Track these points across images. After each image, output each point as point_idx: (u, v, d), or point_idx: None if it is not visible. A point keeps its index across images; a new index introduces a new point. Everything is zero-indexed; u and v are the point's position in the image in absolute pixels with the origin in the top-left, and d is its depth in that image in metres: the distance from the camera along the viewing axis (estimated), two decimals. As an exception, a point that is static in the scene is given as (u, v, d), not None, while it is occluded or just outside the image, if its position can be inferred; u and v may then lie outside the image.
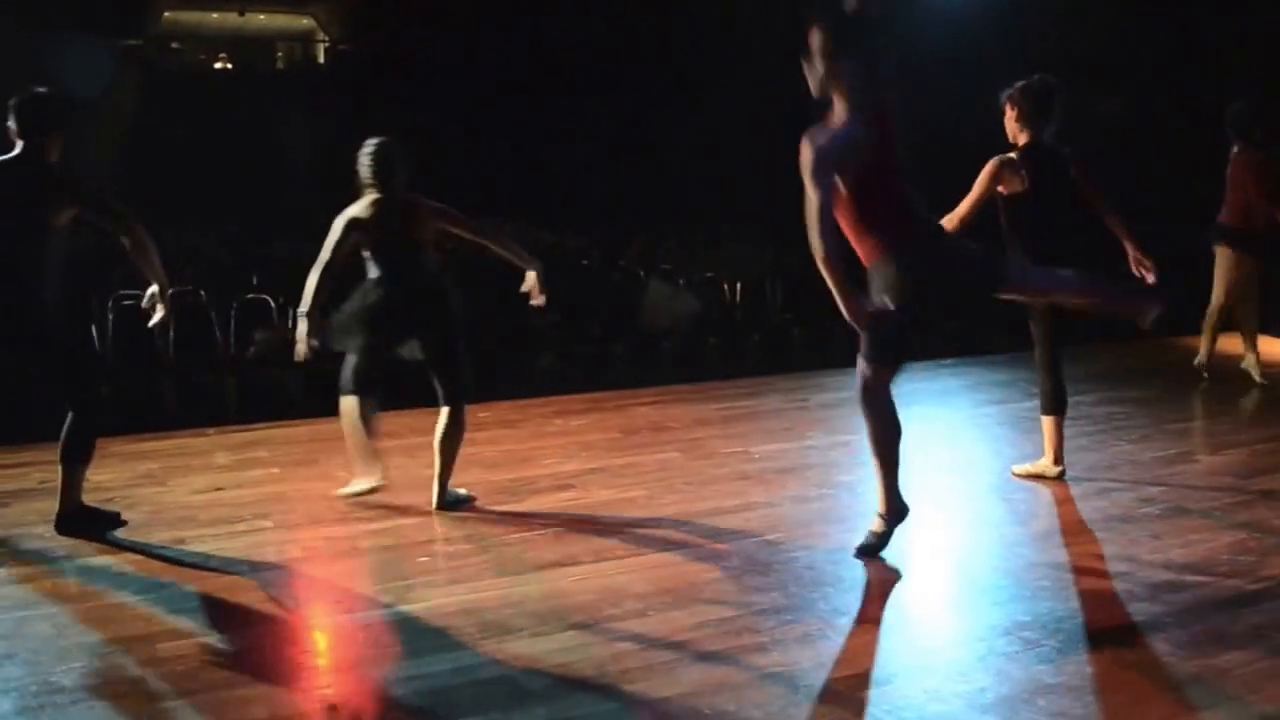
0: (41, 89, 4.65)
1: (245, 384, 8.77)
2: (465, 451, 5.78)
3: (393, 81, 19.63)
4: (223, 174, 17.46)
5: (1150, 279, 5.03)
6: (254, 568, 4.21)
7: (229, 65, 28.07)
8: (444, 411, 4.97)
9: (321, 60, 29.39)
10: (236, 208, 16.18)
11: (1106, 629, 3.66)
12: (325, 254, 4.90)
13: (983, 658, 3.47)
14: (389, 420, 6.53)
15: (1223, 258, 7.25)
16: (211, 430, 6.42)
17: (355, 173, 4.97)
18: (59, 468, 4.55)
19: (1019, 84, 5.16)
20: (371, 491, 4.99)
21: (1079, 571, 4.17)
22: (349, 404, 4.97)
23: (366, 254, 4.96)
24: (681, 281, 10.86)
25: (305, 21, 30.52)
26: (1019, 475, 5.36)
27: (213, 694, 3.19)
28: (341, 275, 4.96)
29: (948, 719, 3.08)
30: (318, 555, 4.39)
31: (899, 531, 4.40)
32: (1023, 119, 5.13)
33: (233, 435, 6.33)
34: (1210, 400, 6.90)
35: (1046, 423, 5.31)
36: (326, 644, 3.66)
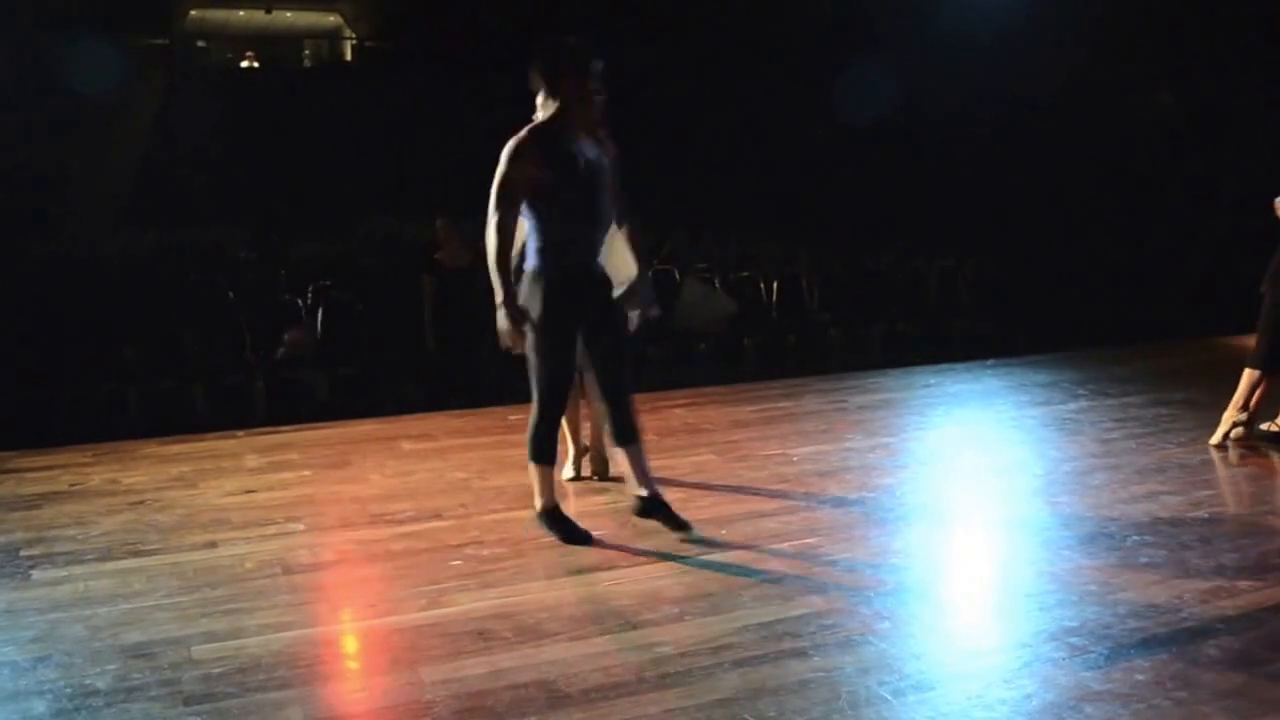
0: None
1: (274, 386, 8.79)
2: (498, 455, 5.78)
3: (421, 78, 19.65)
4: (249, 172, 17.53)
5: None
6: (287, 570, 4.18)
7: (256, 63, 28.24)
8: None
9: (349, 57, 29.52)
10: (263, 207, 16.24)
11: (1155, 635, 3.56)
12: None
13: (1028, 663, 3.38)
14: (422, 423, 6.54)
15: None
16: (241, 433, 6.40)
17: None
18: None
19: None
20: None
21: (1127, 576, 4.07)
22: None
23: None
24: (717, 281, 10.79)
25: (332, 18, 30.69)
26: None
27: (247, 697, 3.16)
28: None
29: (996, 726, 3.00)
30: (350, 558, 4.35)
31: (941, 536, 4.33)
32: None
33: (262, 438, 6.31)
34: (1262, 405, 6.74)
35: None
36: (360, 647, 3.62)
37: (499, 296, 4.23)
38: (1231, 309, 8.24)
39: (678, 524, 4.48)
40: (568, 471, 5.33)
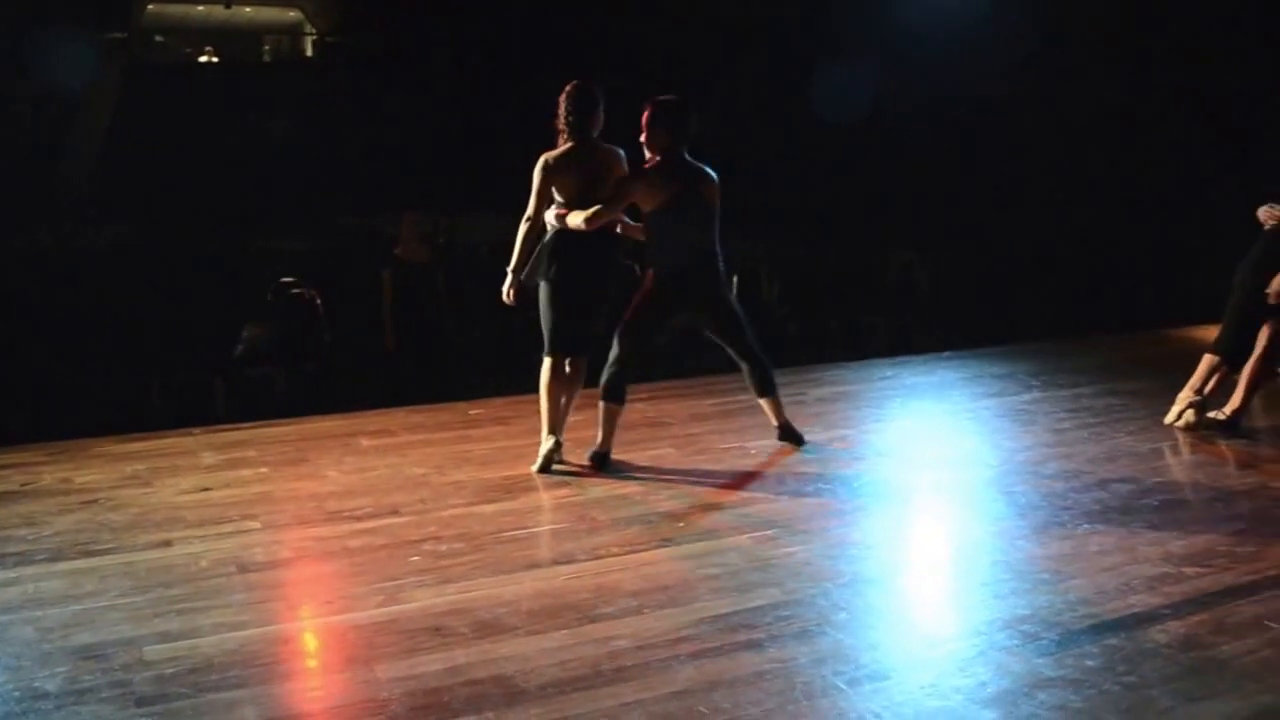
0: None
1: (233, 383, 8.71)
2: (457, 449, 5.77)
3: (382, 73, 19.55)
4: (207, 168, 17.37)
5: None
6: (242, 568, 4.15)
7: (215, 58, 27.98)
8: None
9: (310, 53, 29.30)
10: (222, 202, 16.09)
11: (1105, 622, 3.62)
12: None
13: (982, 652, 3.43)
14: (382, 419, 6.51)
15: None
16: (198, 430, 6.34)
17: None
18: None
19: None
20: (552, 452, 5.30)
21: (1078, 564, 4.13)
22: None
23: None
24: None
25: (293, 14, 30.46)
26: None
27: (200, 697, 3.14)
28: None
29: (946, 714, 3.04)
30: (306, 555, 4.33)
31: (898, 526, 4.37)
32: None
33: (219, 435, 6.25)
34: (1216, 392, 6.84)
35: None
36: (316, 645, 3.60)
37: None
38: (1182, 301, 8.38)
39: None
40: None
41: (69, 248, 12.18)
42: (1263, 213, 5.83)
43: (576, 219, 5.11)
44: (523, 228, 5.22)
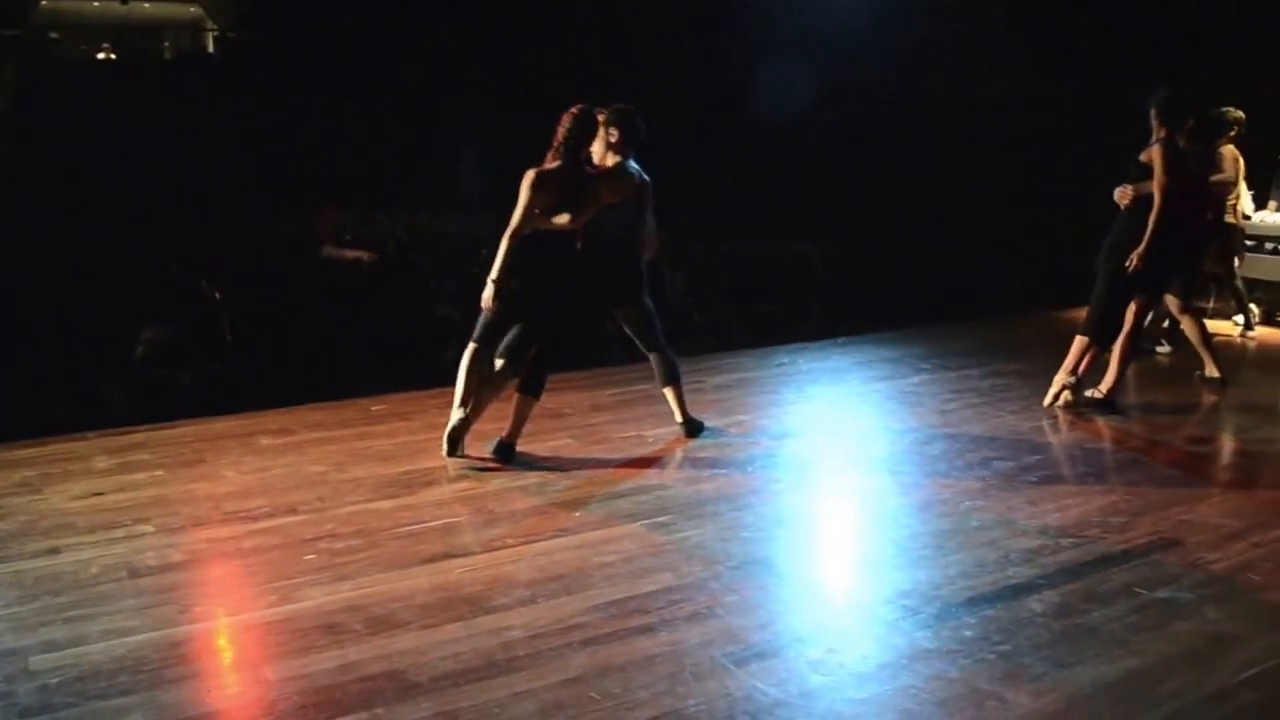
0: None
1: (132, 385, 8.55)
2: (357, 446, 5.75)
3: (285, 70, 19.23)
4: (107, 167, 16.95)
5: None
6: (133, 573, 4.10)
7: (113, 56, 27.28)
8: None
9: (211, 49, 28.70)
10: (123, 202, 15.72)
11: (984, 593, 3.77)
12: None
13: (866, 627, 3.56)
14: (282, 417, 6.45)
15: None
16: (92, 434, 6.22)
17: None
18: None
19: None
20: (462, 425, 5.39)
21: (959, 539, 4.28)
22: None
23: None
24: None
25: (193, 10, 29.80)
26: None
27: (86, 705, 3.12)
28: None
29: (830, 689, 3.15)
30: (200, 558, 4.29)
31: (789, 509, 4.48)
32: None
33: (114, 438, 6.14)
34: (1090, 371, 7.09)
35: None
36: (207, 648, 3.58)
37: None
38: (1062, 283, 8.65)
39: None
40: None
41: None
42: (1118, 193, 6.04)
43: (562, 219, 5.26)
44: (506, 240, 5.19)
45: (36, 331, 8.87)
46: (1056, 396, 6.11)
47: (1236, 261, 8.13)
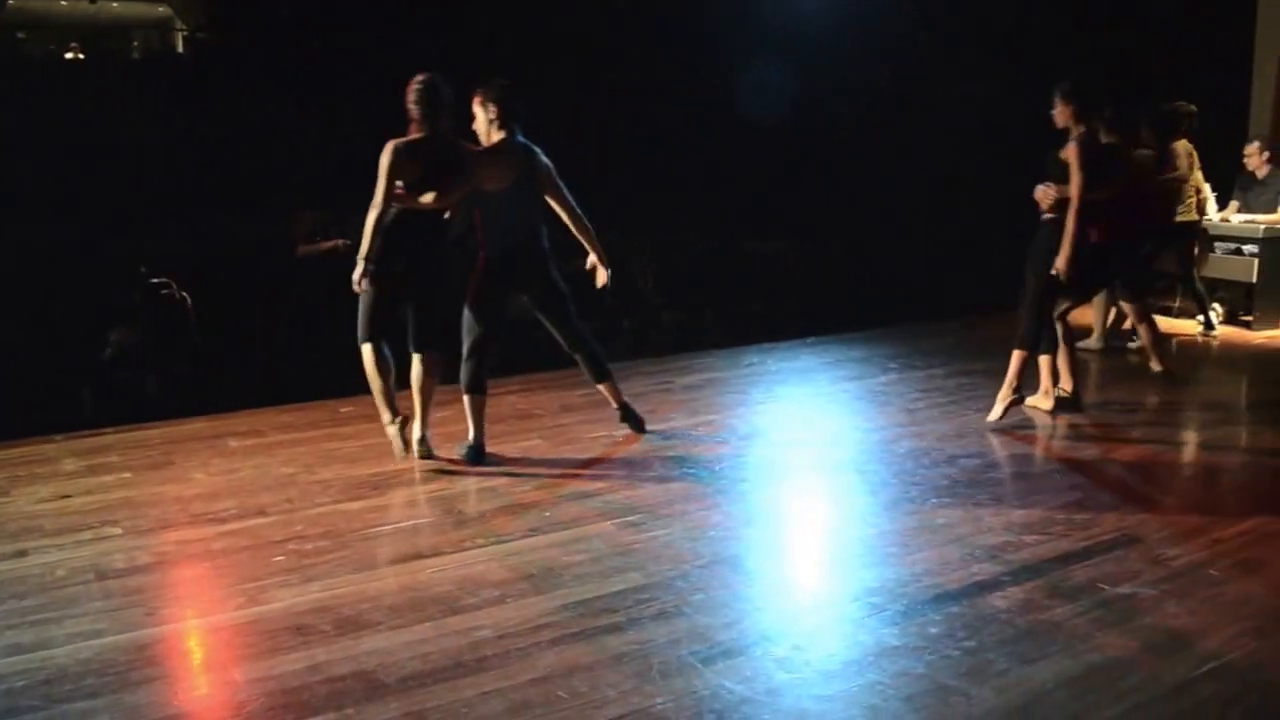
0: None
1: (100, 387, 8.49)
2: (326, 448, 5.75)
3: (255, 70, 19.13)
4: (76, 167, 16.82)
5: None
6: (100, 575, 4.09)
7: (81, 55, 27.06)
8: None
9: (180, 49, 28.51)
10: (91, 202, 15.60)
11: (949, 590, 3.81)
12: None
13: (832, 624, 3.59)
14: (251, 419, 6.43)
15: None
16: (60, 436, 6.19)
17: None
18: None
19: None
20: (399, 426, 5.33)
21: (925, 536, 4.33)
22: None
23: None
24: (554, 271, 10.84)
25: (162, 9, 29.59)
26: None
27: (52, 709, 3.11)
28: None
29: (797, 686, 3.18)
30: (168, 560, 4.28)
31: (757, 508, 4.50)
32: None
33: (82, 440, 6.11)
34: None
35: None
36: (175, 650, 3.57)
37: None
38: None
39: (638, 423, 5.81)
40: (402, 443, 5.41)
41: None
42: (1039, 192, 5.78)
43: (428, 198, 5.15)
44: (371, 215, 5.09)
45: (3, 333, 8.80)
46: (1004, 413, 5.97)
47: (1195, 259, 8.15)
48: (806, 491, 5.09)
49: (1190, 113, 7.54)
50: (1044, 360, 6.00)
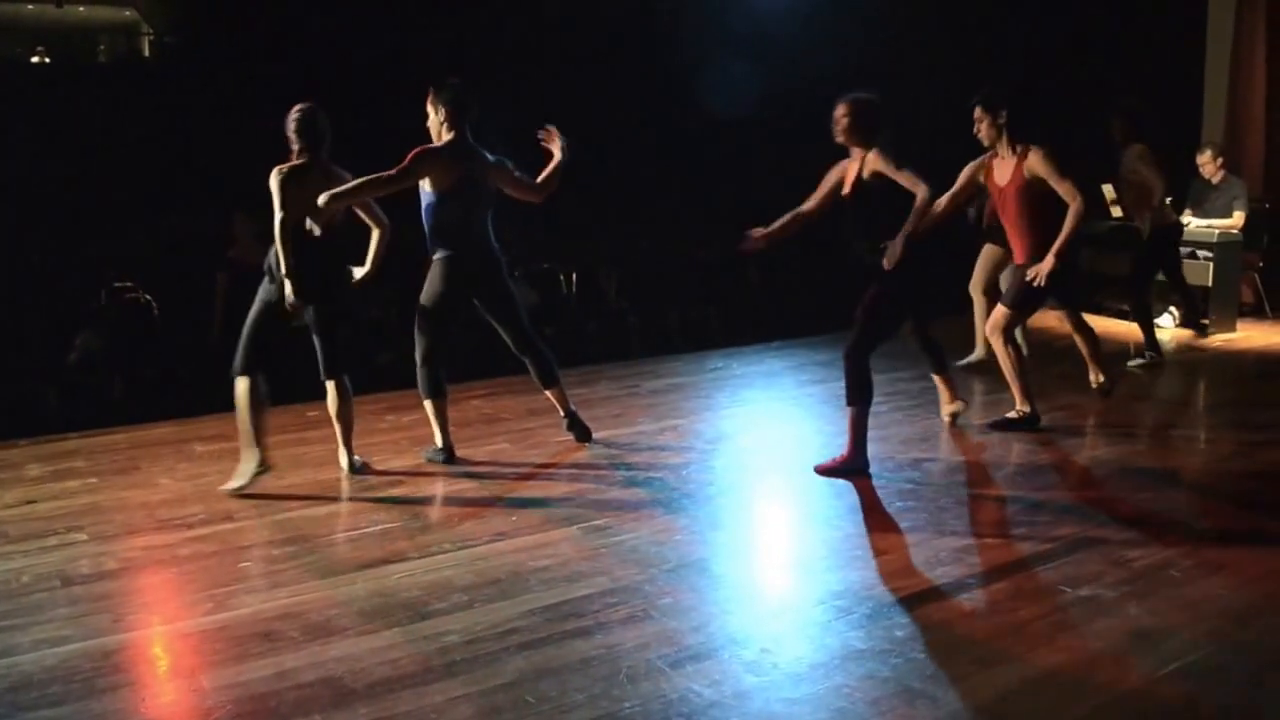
0: None
1: (65, 392, 8.42)
2: (293, 452, 5.73)
3: (221, 73, 19.01)
4: (41, 170, 16.64)
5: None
6: (66, 582, 4.06)
7: (47, 59, 26.82)
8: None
9: (147, 53, 28.29)
10: (56, 205, 15.44)
11: (913, 594, 3.85)
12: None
13: (799, 628, 3.62)
14: (217, 424, 6.40)
15: None
16: (24, 441, 6.13)
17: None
18: None
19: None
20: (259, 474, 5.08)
21: (890, 540, 4.37)
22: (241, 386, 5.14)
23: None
24: (517, 273, 10.84)
25: (128, 13, 29.35)
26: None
27: (18, 716, 3.08)
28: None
29: (765, 689, 3.20)
30: (135, 566, 4.26)
31: (723, 512, 4.53)
32: None
33: (47, 445, 6.06)
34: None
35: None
36: (141, 657, 3.55)
37: None
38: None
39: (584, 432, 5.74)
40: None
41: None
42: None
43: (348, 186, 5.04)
44: (280, 231, 4.99)
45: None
46: (954, 418, 6.06)
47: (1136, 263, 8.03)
48: (772, 495, 5.13)
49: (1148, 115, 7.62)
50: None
